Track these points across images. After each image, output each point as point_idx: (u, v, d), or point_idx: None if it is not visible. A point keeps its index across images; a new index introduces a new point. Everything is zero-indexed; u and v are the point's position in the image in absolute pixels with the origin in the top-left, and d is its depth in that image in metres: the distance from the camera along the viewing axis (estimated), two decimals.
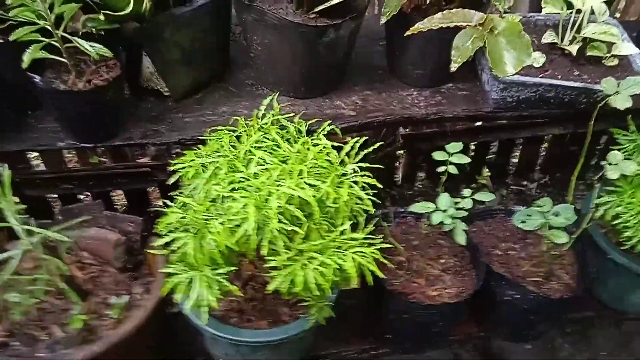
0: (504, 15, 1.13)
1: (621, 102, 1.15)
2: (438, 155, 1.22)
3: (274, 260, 0.97)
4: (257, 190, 0.96)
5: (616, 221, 1.26)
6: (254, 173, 0.99)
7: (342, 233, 1.04)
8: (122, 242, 1.18)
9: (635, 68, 1.31)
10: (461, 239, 1.22)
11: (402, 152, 2.72)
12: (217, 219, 0.95)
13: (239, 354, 1.19)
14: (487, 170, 2.85)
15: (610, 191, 1.30)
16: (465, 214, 1.25)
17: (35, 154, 2.08)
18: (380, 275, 1.04)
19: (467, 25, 1.00)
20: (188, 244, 0.95)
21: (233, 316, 1.17)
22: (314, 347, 1.37)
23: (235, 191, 0.98)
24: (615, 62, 1.30)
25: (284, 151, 1.04)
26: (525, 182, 2.70)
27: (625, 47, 1.27)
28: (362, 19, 1.24)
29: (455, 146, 1.22)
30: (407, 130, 2.64)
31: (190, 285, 0.97)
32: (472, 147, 2.70)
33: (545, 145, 2.83)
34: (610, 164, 1.26)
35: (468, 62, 1.45)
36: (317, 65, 1.25)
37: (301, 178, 0.99)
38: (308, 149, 1.06)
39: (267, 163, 1.00)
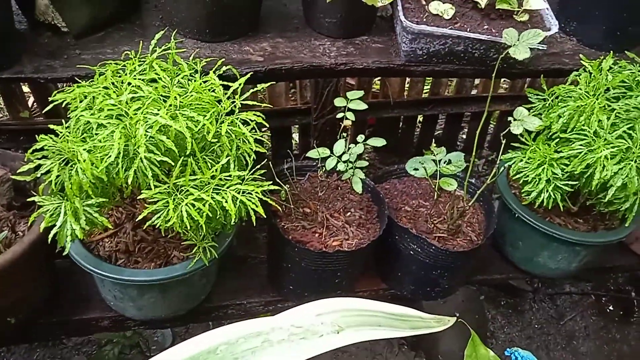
0: None
1: (521, 53, 1.14)
2: (338, 102, 1.20)
3: (145, 193, 0.95)
4: (128, 118, 0.93)
5: (518, 176, 1.25)
6: (126, 102, 0.95)
7: (226, 171, 1.03)
8: (7, 179, 1.14)
9: (547, 24, 1.30)
10: (358, 187, 1.21)
11: (349, 123, 2.71)
12: (84, 147, 0.92)
13: (126, 295, 1.17)
14: (435, 145, 2.86)
15: (516, 147, 1.30)
16: (365, 163, 1.23)
17: None
18: (263, 215, 1.02)
19: None
20: (52, 172, 0.92)
21: (120, 257, 1.14)
22: (215, 296, 1.36)
23: (109, 120, 0.95)
24: (526, 17, 1.28)
25: (165, 83, 1.01)
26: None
27: (534, 2, 1.25)
28: None
29: (355, 93, 1.20)
30: None
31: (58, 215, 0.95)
32: (420, 121, 2.71)
33: (494, 122, 2.84)
34: (515, 120, 1.25)
35: (388, 16, 1.45)
36: (222, 5, 1.22)
37: (178, 110, 0.96)
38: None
39: (142, 90, 0.97)
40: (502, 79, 2.83)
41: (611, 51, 1.32)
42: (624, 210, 1.20)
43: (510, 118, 1.24)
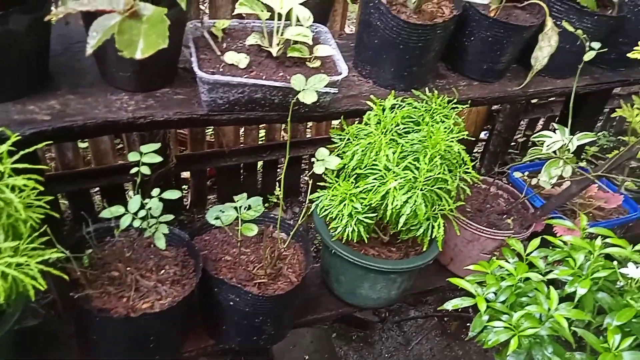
0: None
1: (308, 97, 1.19)
2: (132, 157, 1.15)
3: None
4: None
5: (324, 213, 1.29)
6: None
7: None
8: None
9: (338, 69, 1.38)
10: (161, 243, 1.16)
11: (188, 175, 2.66)
12: None
13: None
14: (279, 188, 2.91)
15: (323, 186, 1.35)
16: (170, 217, 1.19)
17: None
18: (42, 287, 0.93)
19: (113, 10, 0.95)
20: None
21: None
22: None
23: None
24: (318, 63, 1.35)
25: None
26: None
27: (322, 49, 1.33)
28: (43, 13, 1.14)
29: (149, 147, 1.16)
30: (183, 150, 2.59)
31: None
32: (262, 166, 2.74)
33: None
34: (317, 160, 1.29)
35: (190, 68, 1.44)
36: None
37: None
38: None
39: None
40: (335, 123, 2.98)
41: (400, 90, 1.44)
42: (420, 235, 1.28)
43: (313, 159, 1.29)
